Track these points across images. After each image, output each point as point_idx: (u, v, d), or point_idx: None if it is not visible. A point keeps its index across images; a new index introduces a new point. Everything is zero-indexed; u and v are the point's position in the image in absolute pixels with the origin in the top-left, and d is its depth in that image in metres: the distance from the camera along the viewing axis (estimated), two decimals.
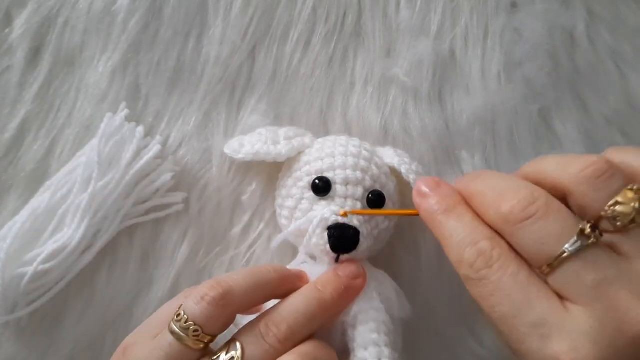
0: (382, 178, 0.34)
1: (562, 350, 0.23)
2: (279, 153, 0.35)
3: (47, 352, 0.37)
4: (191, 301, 0.28)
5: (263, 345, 0.28)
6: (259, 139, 0.36)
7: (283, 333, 0.28)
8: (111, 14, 0.39)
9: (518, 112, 0.40)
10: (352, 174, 0.33)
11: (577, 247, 0.24)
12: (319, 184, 0.33)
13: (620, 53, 0.42)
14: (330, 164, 0.34)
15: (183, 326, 0.27)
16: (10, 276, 0.34)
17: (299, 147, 0.35)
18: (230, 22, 0.40)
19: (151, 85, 0.39)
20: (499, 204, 0.26)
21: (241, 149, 0.36)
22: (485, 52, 0.41)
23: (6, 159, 0.38)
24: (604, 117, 0.41)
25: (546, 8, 0.42)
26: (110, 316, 0.37)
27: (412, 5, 0.41)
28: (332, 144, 0.35)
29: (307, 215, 0.33)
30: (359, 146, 0.35)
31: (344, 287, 0.31)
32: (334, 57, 0.41)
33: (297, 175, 0.35)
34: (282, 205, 0.35)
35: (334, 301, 0.30)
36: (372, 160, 0.35)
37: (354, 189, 0.33)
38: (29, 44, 0.39)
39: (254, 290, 0.29)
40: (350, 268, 0.32)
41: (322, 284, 0.31)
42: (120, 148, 0.37)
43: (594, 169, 0.25)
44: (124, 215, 0.37)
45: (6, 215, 0.37)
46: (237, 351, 0.27)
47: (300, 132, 0.37)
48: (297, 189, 0.34)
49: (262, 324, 0.28)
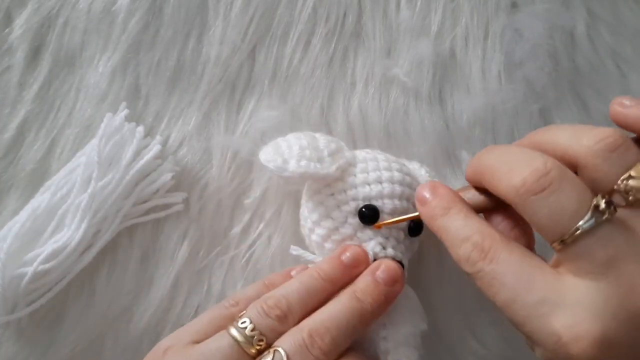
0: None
1: (563, 325, 0.23)
2: (327, 174, 0.33)
3: (47, 352, 0.37)
4: (255, 312, 0.29)
5: (308, 356, 0.28)
6: (302, 155, 0.32)
7: (327, 345, 0.28)
8: (111, 14, 0.39)
9: (518, 112, 0.40)
10: (399, 204, 0.33)
11: (591, 223, 0.23)
12: (368, 213, 0.32)
13: (620, 53, 0.42)
14: (378, 192, 0.33)
15: (248, 334, 0.28)
16: (10, 276, 0.34)
17: (344, 166, 0.34)
18: (230, 22, 0.40)
19: (151, 85, 0.39)
20: (510, 176, 0.26)
21: (286, 166, 0.32)
22: (485, 52, 0.41)
23: (6, 159, 0.38)
24: (604, 117, 0.41)
25: (546, 8, 0.42)
26: (110, 316, 0.37)
27: (412, 5, 0.41)
28: (375, 165, 0.34)
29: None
30: (400, 169, 0.34)
31: (384, 297, 0.30)
32: (334, 57, 0.41)
33: (341, 197, 0.33)
34: (319, 223, 0.34)
35: (374, 312, 0.30)
36: (412, 185, 0.34)
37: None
38: (29, 44, 0.39)
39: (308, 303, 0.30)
40: (389, 273, 0.31)
41: (362, 292, 0.30)
42: (120, 148, 0.37)
43: (609, 142, 0.25)
44: (124, 215, 0.37)
45: (6, 215, 0.37)
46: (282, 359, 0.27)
47: (338, 145, 0.35)
48: (341, 212, 0.33)
49: (306, 334, 0.28)
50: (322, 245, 0.34)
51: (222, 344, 0.28)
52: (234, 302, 0.32)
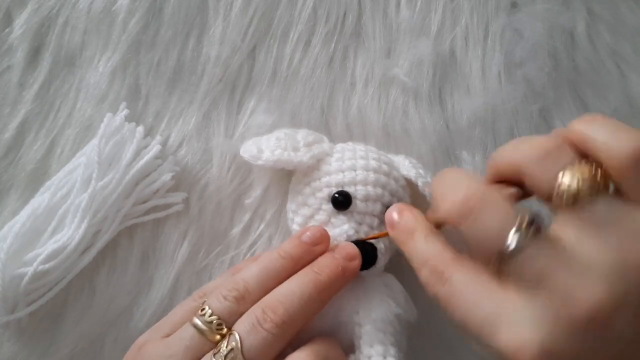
0: (399, 192, 0.35)
1: (507, 340, 0.23)
2: (300, 161, 0.34)
3: (47, 352, 0.37)
4: (214, 299, 0.30)
5: (261, 332, 0.28)
6: (278, 145, 0.34)
7: (280, 317, 0.28)
8: (111, 14, 0.40)
9: (518, 112, 0.40)
10: (373, 191, 0.33)
11: (517, 243, 0.24)
12: (340, 199, 0.33)
13: (620, 53, 0.42)
14: (351, 179, 0.33)
15: (207, 320, 0.29)
16: (10, 276, 0.34)
17: (319, 155, 0.35)
18: (230, 22, 0.40)
19: (151, 85, 0.39)
20: (440, 205, 0.27)
21: (260, 154, 0.34)
22: (485, 52, 0.41)
23: (6, 159, 0.38)
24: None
25: (546, 8, 0.42)
26: (110, 316, 0.37)
27: (412, 5, 0.41)
28: (352, 155, 0.35)
29: (332, 230, 0.33)
30: (378, 159, 0.35)
31: (340, 269, 0.31)
32: (334, 57, 0.41)
33: (316, 184, 0.34)
34: (297, 211, 0.35)
35: (330, 282, 0.30)
36: (390, 174, 0.34)
37: (373, 205, 0.33)
38: (29, 44, 0.39)
39: (267, 282, 0.30)
40: (347, 249, 0.32)
41: (319, 266, 0.31)
42: (120, 148, 0.37)
43: (541, 147, 0.25)
44: (124, 215, 0.37)
45: (6, 215, 0.37)
46: (236, 342, 0.27)
47: (318, 137, 0.36)
48: (315, 199, 0.34)
49: (259, 310, 0.29)
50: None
51: (186, 334, 0.29)
52: (202, 293, 0.32)
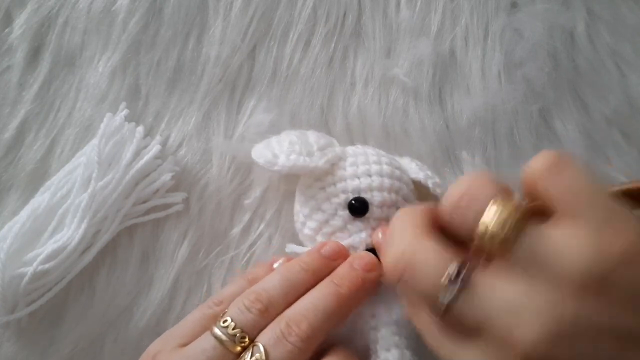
0: (410, 196, 0.35)
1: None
2: (316, 166, 0.34)
3: (47, 352, 0.37)
4: (236, 309, 0.29)
5: (286, 345, 0.28)
6: (292, 149, 0.34)
7: (304, 331, 0.28)
8: (111, 14, 0.40)
9: (518, 112, 0.40)
10: (389, 197, 0.33)
11: (450, 296, 0.23)
12: (357, 205, 0.33)
13: (620, 53, 0.42)
14: (367, 185, 0.33)
15: (230, 332, 0.28)
16: (10, 276, 0.34)
17: (333, 160, 0.35)
18: (230, 22, 0.40)
19: (151, 85, 0.39)
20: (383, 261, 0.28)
21: (276, 160, 0.33)
22: (485, 52, 0.41)
23: (6, 159, 0.38)
24: (604, 117, 0.41)
25: (546, 8, 0.42)
26: (110, 316, 0.37)
27: (412, 5, 0.41)
28: (365, 159, 0.35)
29: (349, 237, 0.33)
30: (390, 163, 0.35)
31: (360, 280, 0.31)
32: (334, 57, 0.41)
33: (331, 190, 0.34)
34: (310, 216, 0.34)
35: (351, 295, 0.30)
36: (402, 179, 0.35)
37: (389, 210, 0.33)
38: (29, 44, 0.39)
39: (290, 295, 0.30)
40: (365, 260, 0.32)
41: (339, 278, 0.31)
42: (120, 148, 0.37)
43: (455, 196, 0.25)
44: (124, 215, 0.37)
45: (6, 215, 0.37)
46: (260, 354, 0.27)
47: (328, 140, 0.36)
48: (330, 205, 0.34)
49: (283, 323, 0.29)
50: (314, 238, 0.34)
51: (206, 345, 0.28)
52: (218, 301, 0.32)
